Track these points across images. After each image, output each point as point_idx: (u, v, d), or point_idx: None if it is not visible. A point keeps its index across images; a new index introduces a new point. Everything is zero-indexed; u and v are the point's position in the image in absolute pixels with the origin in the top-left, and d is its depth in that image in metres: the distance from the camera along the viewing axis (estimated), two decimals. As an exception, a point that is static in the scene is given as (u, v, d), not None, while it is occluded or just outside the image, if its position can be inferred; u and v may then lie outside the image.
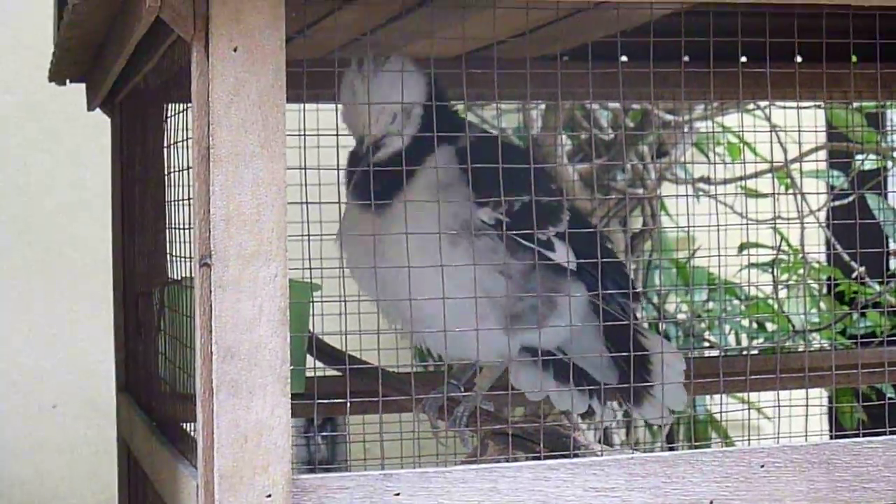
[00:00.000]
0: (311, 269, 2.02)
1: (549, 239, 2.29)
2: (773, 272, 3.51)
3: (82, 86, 3.07)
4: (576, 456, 2.01)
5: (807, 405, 2.23)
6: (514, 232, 2.23)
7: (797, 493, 1.94)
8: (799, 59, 3.05)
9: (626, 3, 1.96)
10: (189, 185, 1.84)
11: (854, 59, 3.01)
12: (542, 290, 2.27)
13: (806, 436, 2.21)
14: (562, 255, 2.30)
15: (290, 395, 1.75)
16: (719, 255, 2.27)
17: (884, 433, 2.04)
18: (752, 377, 2.30)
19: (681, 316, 4.46)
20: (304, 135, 1.94)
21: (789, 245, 4.15)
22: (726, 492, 1.92)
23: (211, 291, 1.73)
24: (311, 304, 2.42)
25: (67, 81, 3.03)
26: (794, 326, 3.93)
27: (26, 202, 4.37)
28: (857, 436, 2.03)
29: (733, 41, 2.19)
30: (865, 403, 3.72)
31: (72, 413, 4.40)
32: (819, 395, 3.87)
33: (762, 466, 1.93)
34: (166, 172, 2.38)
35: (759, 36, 2.20)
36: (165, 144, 2.40)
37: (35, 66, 3.22)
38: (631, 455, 1.90)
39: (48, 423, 4.40)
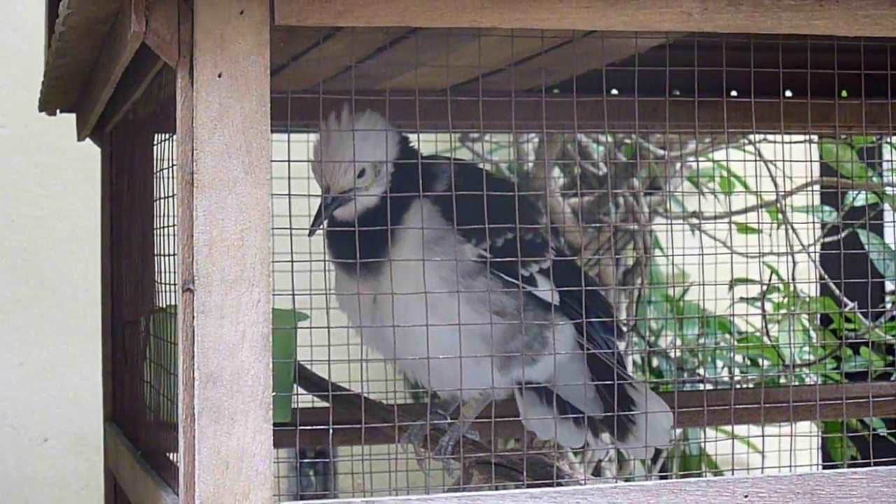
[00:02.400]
0: (294, 294, 2.02)
1: (531, 275, 2.30)
2: (762, 306, 3.51)
3: (73, 119, 3.08)
4: (559, 485, 2.00)
5: (792, 435, 2.23)
6: (496, 269, 2.24)
7: (781, 523, 1.93)
8: (789, 93, 3.06)
9: (610, 33, 1.97)
10: (175, 213, 1.85)
11: (845, 93, 3.03)
12: (532, 326, 2.28)
13: (791, 467, 2.20)
14: (545, 290, 2.31)
15: (272, 422, 1.75)
16: (703, 285, 2.27)
17: (868, 465, 2.03)
18: (737, 406, 2.30)
19: (674, 352, 4.46)
20: (290, 162, 1.95)
21: (780, 279, 4.15)
22: (710, 521, 1.91)
23: (194, 317, 1.73)
24: (296, 333, 2.42)
25: (57, 112, 3.04)
26: (784, 361, 3.92)
27: (18, 235, 4.37)
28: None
29: (723, 74, 2.20)
30: (851, 434, 3.71)
31: (62, 447, 4.39)
32: (809, 431, 3.86)
33: (746, 496, 1.92)
34: (154, 200, 2.39)
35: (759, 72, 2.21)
36: (153, 172, 2.41)
37: (26, 99, 3.23)
38: (614, 484, 1.89)
39: (39, 457, 4.39)
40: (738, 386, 3.92)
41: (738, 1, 1.90)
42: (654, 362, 4.35)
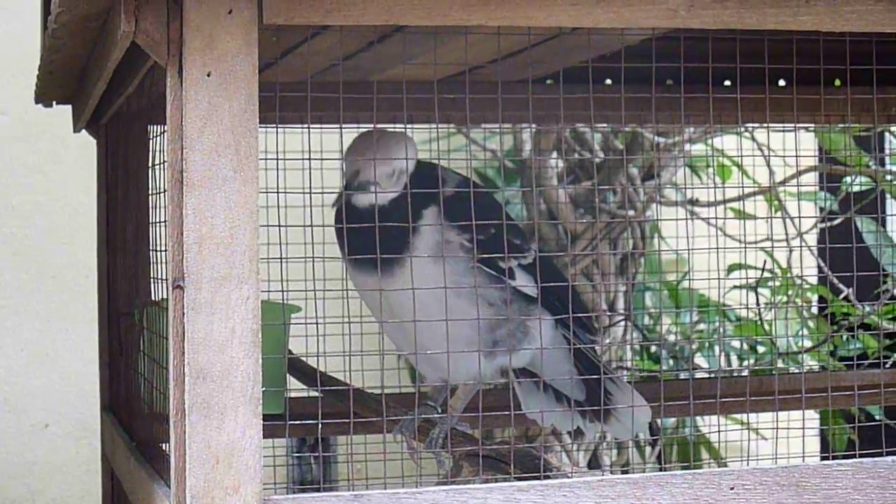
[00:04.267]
0: (285, 290, 2.04)
1: (511, 269, 2.41)
2: (756, 293, 3.53)
3: (70, 107, 3.10)
4: (547, 477, 2.02)
5: (776, 427, 2.25)
6: (480, 262, 2.35)
7: (766, 515, 1.95)
8: (782, 82, 3.08)
9: (597, 29, 1.98)
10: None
11: (837, 82, 3.04)
12: (516, 316, 2.40)
13: (775, 458, 2.23)
14: (525, 284, 2.43)
15: (262, 417, 1.77)
16: (692, 273, 2.29)
17: (854, 456, 2.05)
18: (723, 399, 2.32)
19: (670, 338, 4.48)
20: (278, 158, 1.97)
21: (778, 266, 4.17)
22: (696, 514, 1.93)
23: (184, 313, 1.75)
24: (288, 326, 2.44)
25: (53, 104, 3.05)
26: (778, 349, 3.94)
27: (19, 222, 4.39)
28: (852, 457, 2.04)
29: (715, 64, 2.21)
30: (848, 424, 3.73)
31: (64, 432, 4.42)
32: (796, 419, 3.88)
33: (732, 489, 1.94)
34: (148, 194, 2.41)
35: (746, 60, 2.23)
36: (147, 165, 2.43)
37: (27, 86, 3.24)
38: (601, 477, 1.91)
39: (40, 443, 4.41)
40: (731, 374, 3.93)
41: (724, -3, 1.92)
42: (652, 348, 4.37)
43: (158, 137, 2.26)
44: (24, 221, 4.40)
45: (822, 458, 4.25)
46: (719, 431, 3.86)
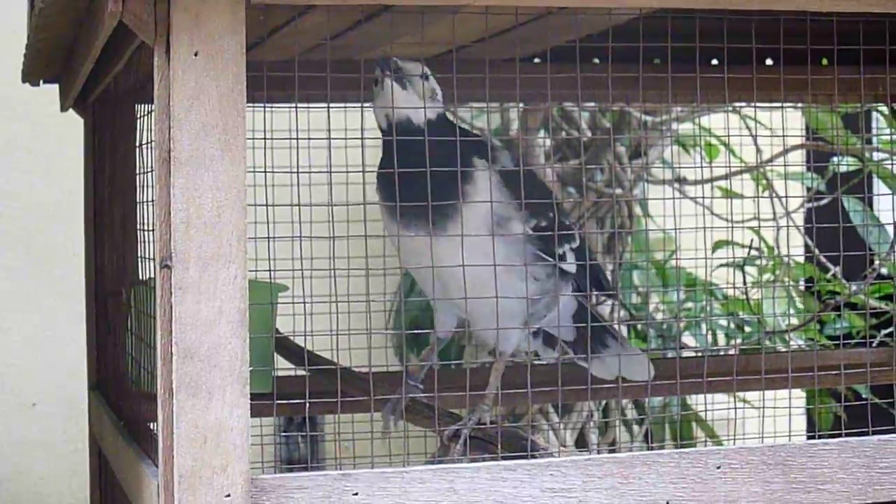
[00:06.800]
0: (272, 269, 2.04)
1: (564, 253, 2.42)
2: (743, 271, 3.54)
3: (58, 86, 3.09)
4: (533, 457, 2.03)
5: (763, 406, 2.26)
6: (540, 250, 2.38)
7: (753, 494, 1.96)
8: (770, 61, 3.08)
9: (584, 8, 1.98)
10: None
11: (825, 62, 3.04)
12: (550, 289, 2.41)
13: (762, 437, 2.23)
14: (571, 266, 2.46)
15: (249, 396, 1.77)
16: (678, 252, 2.30)
17: (840, 435, 2.06)
18: (710, 378, 2.33)
19: (658, 316, 4.49)
20: (265, 137, 1.97)
21: (766, 244, 4.18)
22: (682, 493, 1.94)
23: (171, 293, 1.75)
24: (275, 305, 2.45)
25: (40, 83, 3.05)
26: (765, 326, 3.95)
27: (6, 201, 4.39)
28: (839, 435, 2.05)
29: (708, 43, 2.21)
30: (836, 403, 3.74)
31: (51, 411, 4.42)
32: (783, 397, 3.90)
33: (718, 468, 1.95)
34: (135, 174, 2.40)
35: (734, 39, 2.23)
36: (134, 145, 2.42)
37: (13, 64, 3.24)
38: (588, 456, 1.92)
39: (28, 421, 4.42)
40: (719, 353, 3.95)
41: (711, -23, 1.92)
42: (639, 326, 4.38)
43: (146, 117, 2.26)
44: (11, 201, 4.40)
45: (809, 437, 4.27)
46: (706, 410, 3.87)
